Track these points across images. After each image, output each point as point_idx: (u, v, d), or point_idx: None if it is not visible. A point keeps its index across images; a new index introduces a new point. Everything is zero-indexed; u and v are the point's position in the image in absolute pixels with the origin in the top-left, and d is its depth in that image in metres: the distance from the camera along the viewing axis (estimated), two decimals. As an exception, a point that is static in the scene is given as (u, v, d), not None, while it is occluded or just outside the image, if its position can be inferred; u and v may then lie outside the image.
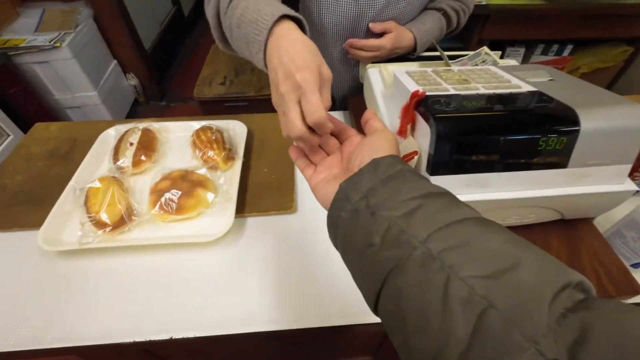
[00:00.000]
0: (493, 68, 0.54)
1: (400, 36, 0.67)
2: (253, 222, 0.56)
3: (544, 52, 1.64)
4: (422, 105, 0.42)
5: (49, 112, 1.70)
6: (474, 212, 0.25)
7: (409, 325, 0.22)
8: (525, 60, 1.69)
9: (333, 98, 0.85)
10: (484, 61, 0.62)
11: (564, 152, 0.40)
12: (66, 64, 1.61)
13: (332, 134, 0.37)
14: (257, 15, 0.38)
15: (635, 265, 0.48)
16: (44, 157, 0.66)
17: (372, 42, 0.65)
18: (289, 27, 0.37)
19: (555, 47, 1.62)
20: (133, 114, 2.16)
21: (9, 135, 1.46)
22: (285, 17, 0.38)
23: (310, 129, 0.33)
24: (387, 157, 0.29)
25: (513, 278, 0.20)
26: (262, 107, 1.59)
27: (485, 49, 0.63)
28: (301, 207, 0.58)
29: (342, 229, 0.28)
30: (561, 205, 0.45)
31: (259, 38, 0.38)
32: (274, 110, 0.39)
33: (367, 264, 0.25)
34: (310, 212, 0.57)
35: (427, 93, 0.43)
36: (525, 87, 0.45)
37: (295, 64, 0.32)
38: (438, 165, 0.40)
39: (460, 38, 1.62)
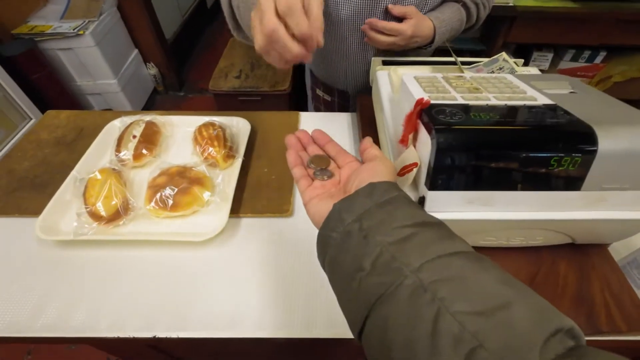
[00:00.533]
0: (509, 76, 0.51)
1: (420, 23, 0.63)
2: (248, 222, 0.55)
3: (574, 59, 1.56)
4: (425, 115, 0.39)
5: (70, 97, 1.75)
6: (468, 247, 0.25)
7: (394, 357, 0.21)
8: (553, 66, 1.60)
9: (346, 93, 0.83)
10: (500, 68, 0.59)
11: (578, 174, 0.37)
12: (88, 51, 1.65)
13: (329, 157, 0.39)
14: None
15: (652, 299, 0.44)
16: (51, 144, 0.67)
17: (393, 24, 0.61)
18: None
19: (586, 54, 1.53)
20: (151, 103, 2.20)
21: (30, 119, 1.52)
22: None
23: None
24: (384, 183, 0.29)
25: (505, 317, 0.19)
26: (274, 102, 1.59)
27: (504, 55, 0.59)
28: (297, 211, 0.56)
29: (332, 249, 0.28)
30: (572, 229, 0.42)
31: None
32: (284, 108, 0.40)
33: (355, 288, 0.25)
34: (306, 218, 0.55)
35: (432, 102, 0.40)
36: (542, 100, 0.42)
37: None
38: (438, 180, 0.37)
39: (484, 40, 1.55)
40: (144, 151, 0.60)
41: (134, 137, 0.62)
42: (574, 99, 0.43)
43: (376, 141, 0.62)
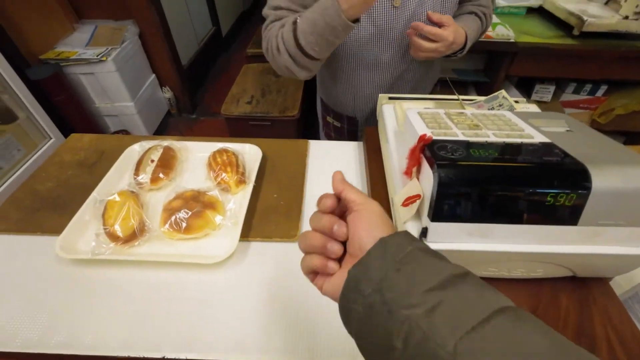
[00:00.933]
0: (508, 114, 0.54)
1: (457, 30, 0.66)
2: (257, 246, 0.57)
3: (576, 91, 1.60)
4: (428, 150, 0.42)
5: (88, 118, 1.83)
6: (501, 299, 0.23)
7: None
8: (555, 98, 1.64)
9: (354, 120, 0.88)
10: (500, 105, 0.62)
11: (574, 210, 0.38)
12: (109, 76, 1.74)
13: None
14: (323, 12, 0.55)
15: (655, 335, 0.45)
16: (74, 166, 0.71)
17: (437, 30, 0.63)
18: None
19: (588, 87, 1.57)
20: (165, 124, 2.28)
21: (50, 138, 1.58)
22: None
23: None
24: (396, 237, 0.27)
25: None
26: (284, 127, 1.64)
27: (503, 92, 0.63)
28: (305, 236, 0.58)
29: (356, 322, 0.26)
30: (571, 263, 0.43)
31: (335, 15, 0.53)
32: (292, 135, 0.41)
33: None
34: (314, 243, 0.58)
35: (435, 137, 0.43)
36: (538, 138, 0.45)
37: None
38: (439, 212, 0.39)
39: (488, 73, 1.61)
40: (161, 175, 0.64)
41: (152, 161, 0.66)
42: (570, 138, 0.46)
43: (382, 171, 0.65)
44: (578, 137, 0.47)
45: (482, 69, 1.65)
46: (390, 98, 0.68)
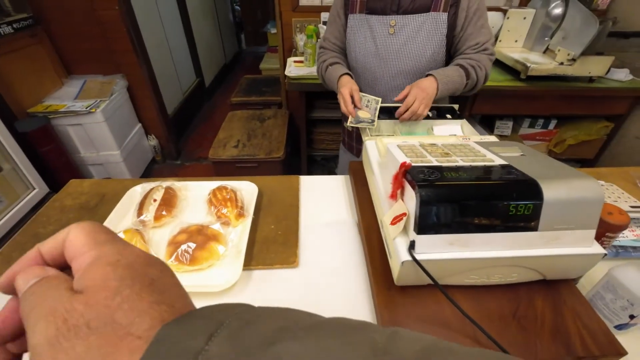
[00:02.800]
0: (472, 143, 0.63)
1: (417, 84, 0.86)
2: (259, 274, 0.61)
3: (531, 126, 1.79)
4: (409, 174, 0.49)
5: (72, 167, 1.83)
6: None
7: None
8: (514, 132, 1.83)
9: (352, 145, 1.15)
10: (368, 101, 0.91)
11: (533, 217, 0.46)
12: (98, 127, 1.79)
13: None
14: (333, 76, 0.98)
15: (619, 327, 0.51)
16: (75, 209, 0.73)
17: (403, 104, 0.85)
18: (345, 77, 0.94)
19: (540, 121, 1.78)
20: (149, 171, 2.30)
21: (34, 189, 1.57)
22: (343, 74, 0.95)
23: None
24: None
25: None
26: (269, 168, 1.72)
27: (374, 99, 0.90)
28: (303, 262, 0.63)
29: None
30: (538, 265, 0.50)
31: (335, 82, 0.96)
32: (279, 173, 0.47)
33: None
34: (311, 267, 0.62)
35: (413, 164, 0.51)
36: (498, 161, 0.54)
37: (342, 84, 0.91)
38: (423, 226, 0.46)
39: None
40: (164, 213, 0.68)
41: (155, 200, 0.70)
42: (523, 160, 0.55)
43: (369, 199, 0.72)
44: (530, 160, 0.56)
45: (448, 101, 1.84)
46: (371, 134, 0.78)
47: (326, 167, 2.15)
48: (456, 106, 0.98)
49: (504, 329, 0.50)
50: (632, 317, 0.48)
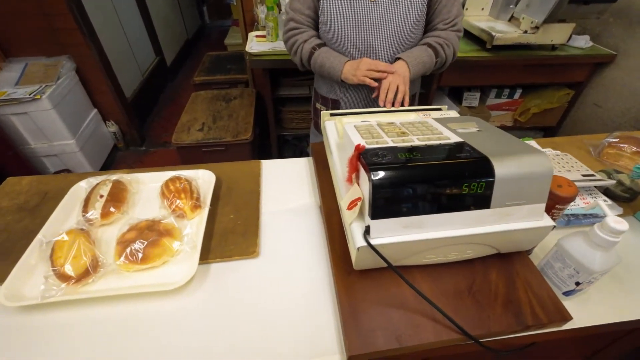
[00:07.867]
0: (430, 120, 0.62)
1: (394, 65, 0.85)
2: (217, 267, 0.59)
3: (497, 96, 1.81)
4: (363, 157, 0.47)
5: (22, 160, 1.70)
6: None
7: None
8: (481, 102, 1.85)
9: (338, 102, 1.06)
10: None
11: (485, 195, 0.46)
12: (45, 115, 1.65)
13: None
14: (332, 65, 0.89)
15: (567, 293, 0.53)
16: (13, 211, 0.67)
17: (382, 73, 0.83)
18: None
19: (506, 91, 1.80)
20: (111, 159, 2.18)
21: (-21, 186, 1.45)
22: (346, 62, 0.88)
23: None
24: None
25: None
26: (238, 151, 1.66)
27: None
28: (263, 251, 0.61)
29: None
30: (492, 241, 0.51)
31: (337, 73, 0.89)
32: (247, 158, 0.44)
33: None
34: (272, 257, 0.60)
35: (367, 147, 0.49)
36: (454, 138, 0.53)
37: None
38: (377, 210, 0.45)
39: (424, 85, 1.77)
40: (112, 209, 0.63)
41: (101, 196, 0.65)
42: (479, 136, 0.54)
43: (330, 181, 0.70)
44: (485, 136, 0.55)
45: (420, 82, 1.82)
46: (331, 115, 0.75)
47: (298, 147, 2.10)
48: (445, 107, 0.94)
49: (460, 305, 0.51)
50: (577, 283, 0.50)
